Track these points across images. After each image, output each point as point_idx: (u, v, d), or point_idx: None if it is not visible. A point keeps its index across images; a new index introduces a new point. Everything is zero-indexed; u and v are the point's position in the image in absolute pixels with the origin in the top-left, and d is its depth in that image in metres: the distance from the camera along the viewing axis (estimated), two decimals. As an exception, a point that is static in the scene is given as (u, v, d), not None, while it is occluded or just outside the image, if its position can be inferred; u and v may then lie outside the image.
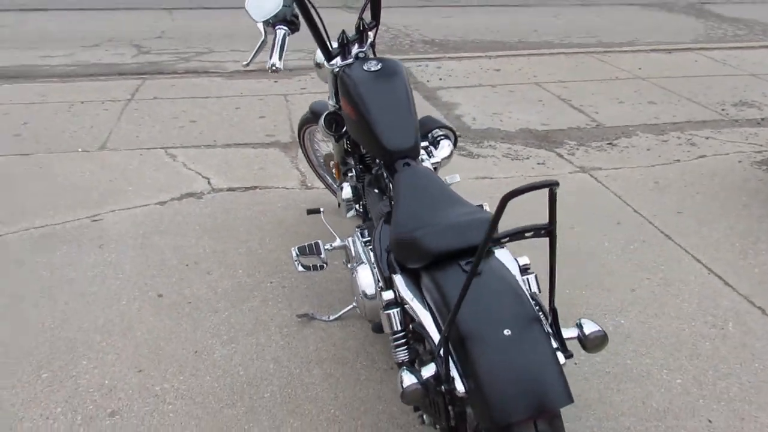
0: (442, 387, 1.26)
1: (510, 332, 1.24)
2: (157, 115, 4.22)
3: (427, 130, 2.20)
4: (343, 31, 2.06)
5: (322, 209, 2.37)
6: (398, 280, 1.52)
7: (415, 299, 1.46)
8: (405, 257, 1.50)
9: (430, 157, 2.08)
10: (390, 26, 7.10)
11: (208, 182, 3.26)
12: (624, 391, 1.97)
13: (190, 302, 2.33)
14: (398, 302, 1.52)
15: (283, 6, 1.81)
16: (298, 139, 2.91)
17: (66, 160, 3.50)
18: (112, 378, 1.98)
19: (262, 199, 3.10)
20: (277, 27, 1.79)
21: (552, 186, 1.03)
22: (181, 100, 4.54)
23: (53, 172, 3.35)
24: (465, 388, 1.24)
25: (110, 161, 3.50)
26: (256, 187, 3.22)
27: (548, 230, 1.16)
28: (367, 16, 2.10)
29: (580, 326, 1.35)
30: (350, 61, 2.06)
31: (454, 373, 1.26)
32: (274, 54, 1.77)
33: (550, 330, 1.32)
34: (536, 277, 1.57)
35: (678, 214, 3.03)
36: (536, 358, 1.21)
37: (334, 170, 2.60)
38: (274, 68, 1.77)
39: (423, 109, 4.43)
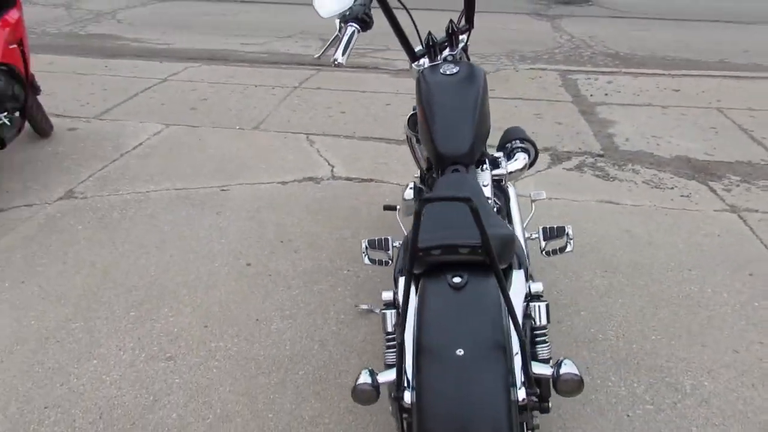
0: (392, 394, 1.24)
1: (462, 353, 1.18)
2: (313, 104, 4.53)
3: (506, 141, 2.12)
4: (429, 33, 2.06)
5: (398, 206, 2.40)
6: (400, 282, 1.51)
7: (405, 304, 1.43)
8: (407, 260, 1.48)
9: (496, 167, 2.00)
10: (574, 36, 6.78)
11: (332, 170, 3.45)
12: (672, 459, 1.73)
13: (270, 275, 2.51)
14: (395, 304, 1.51)
15: (357, 4, 1.86)
16: (406, 138, 2.95)
17: (223, 135, 3.93)
18: (181, 328, 2.22)
19: (373, 192, 3.20)
20: (348, 23, 1.85)
21: (465, 201, 0.97)
22: (340, 92, 4.83)
23: (209, 144, 3.79)
24: (411, 400, 1.21)
25: (257, 140, 3.85)
26: (372, 180, 3.34)
27: (483, 249, 1.08)
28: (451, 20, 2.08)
29: (557, 365, 1.23)
30: (435, 63, 2.06)
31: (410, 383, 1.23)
32: (339, 49, 1.83)
33: (521, 362, 1.22)
34: (547, 306, 1.45)
35: (838, 278, 2.54)
36: (479, 385, 1.14)
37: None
38: (336, 63, 1.84)
39: (573, 123, 4.21)
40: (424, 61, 2.11)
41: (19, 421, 1.82)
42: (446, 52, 2.11)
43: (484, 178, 1.89)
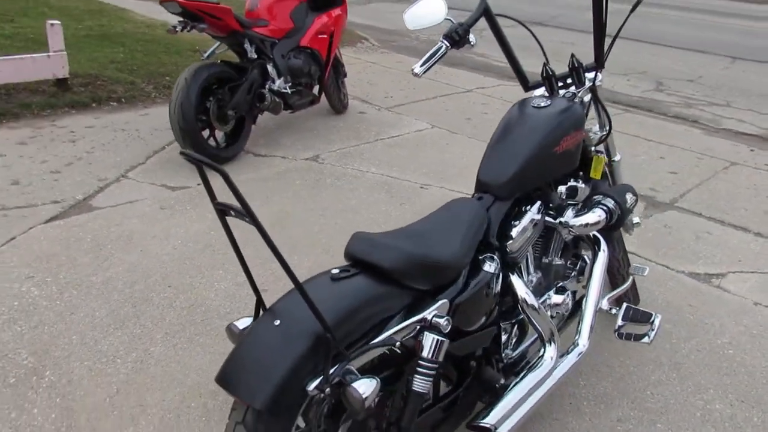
0: None
1: (278, 323, 1.27)
2: (581, 139, 4.39)
3: (600, 193, 1.89)
4: (545, 64, 1.96)
5: None
6: None
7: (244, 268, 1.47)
8: None
9: (560, 214, 1.81)
10: None
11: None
12: None
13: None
14: None
15: (457, 23, 1.89)
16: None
17: (470, 145, 4.16)
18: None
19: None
20: (442, 38, 1.90)
21: (218, 171, 1.06)
22: (626, 136, 4.54)
23: (451, 149, 4.09)
24: None
25: (495, 157, 3.98)
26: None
27: (247, 216, 1.15)
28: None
29: (356, 381, 1.21)
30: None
31: None
32: (421, 60, 1.90)
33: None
34: (438, 342, 1.38)
35: None
36: (271, 355, 1.23)
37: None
38: (413, 72, 1.91)
39: None
40: (540, 91, 2.02)
41: (149, 288, 2.48)
42: (572, 89, 1.99)
43: (524, 218, 1.76)
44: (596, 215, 1.81)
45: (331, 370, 1.23)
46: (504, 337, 1.85)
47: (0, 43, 5.37)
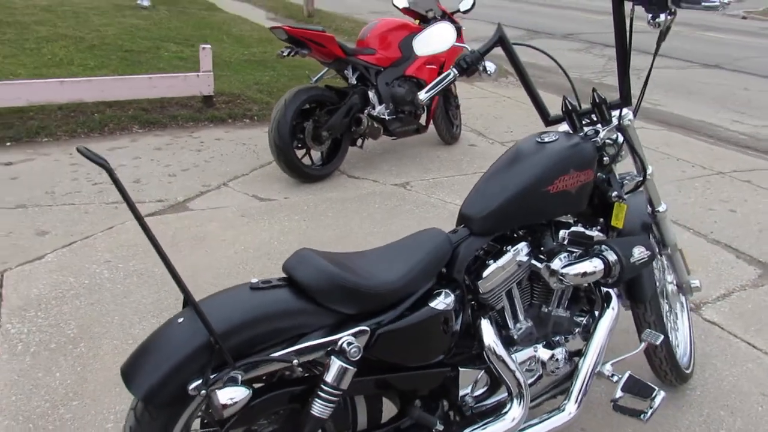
0: None
1: (180, 322, 1.32)
2: (714, 193, 3.91)
3: (604, 243, 1.68)
4: (565, 98, 1.80)
5: None
6: None
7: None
8: None
9: (551, 259, 1.64)
10: None
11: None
12: None
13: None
14: None
15: (469, 51, 1.81)
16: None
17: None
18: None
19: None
20: (453, 66, 1.83)
21: (102, 167, 1.12)
22: (764, 191, 3.96)
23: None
24: None
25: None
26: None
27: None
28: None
29: (225, 388, 1.21)
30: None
31: None
32: (427, 87, 1.83)
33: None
34: (342, 369, 1.33)
35: None
36: (162, 351, 1.28)
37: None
38: (419, 100, 1.85)
39: None
40: (562, 127, 1.86)
41: (197, 285, 2.67)
42: (599, 126, 1.81)
43: (501, 259, 1.63)
44: (591, 265, 1.62)
45: (212, 375, 1.25)
46: (471, 385, 1.72)
47: (175, 63, 6.18)
